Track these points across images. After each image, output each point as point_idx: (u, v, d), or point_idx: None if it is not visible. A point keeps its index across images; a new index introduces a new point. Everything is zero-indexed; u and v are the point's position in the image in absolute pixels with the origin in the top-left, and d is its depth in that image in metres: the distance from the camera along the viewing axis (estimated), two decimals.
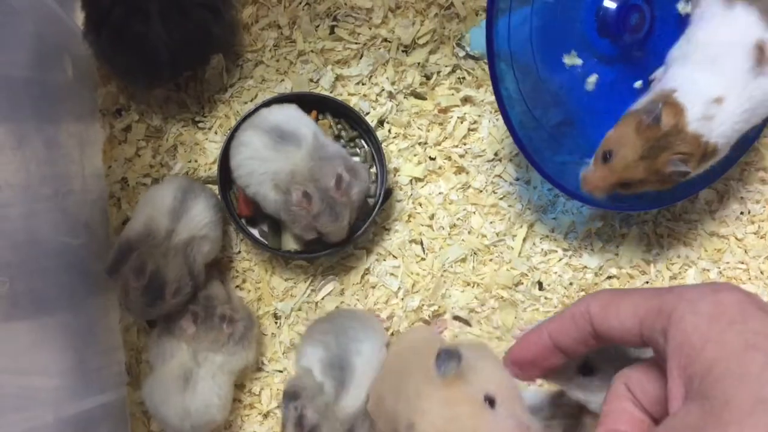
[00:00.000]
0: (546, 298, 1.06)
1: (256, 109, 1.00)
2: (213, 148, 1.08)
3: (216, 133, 1.09)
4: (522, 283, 1.06)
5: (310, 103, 1.05)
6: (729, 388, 0.36)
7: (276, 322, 1.05)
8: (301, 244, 1.03)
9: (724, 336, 0.38)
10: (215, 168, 1.04)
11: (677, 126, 0.84)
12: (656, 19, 0.99)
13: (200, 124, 1.09)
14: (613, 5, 0.98)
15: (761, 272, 1.08)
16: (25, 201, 0.87)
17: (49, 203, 0.92)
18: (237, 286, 1.07)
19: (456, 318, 1.06)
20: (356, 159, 1.04)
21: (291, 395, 0.87)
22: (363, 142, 1.08)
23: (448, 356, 0.63)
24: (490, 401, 0.62)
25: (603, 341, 0.49)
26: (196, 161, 1.08)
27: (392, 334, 1.04)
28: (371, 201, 1.05)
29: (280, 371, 1.04)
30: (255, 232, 1.05)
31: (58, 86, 1.00)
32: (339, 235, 0.97)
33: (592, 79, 1.00)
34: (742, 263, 1.08)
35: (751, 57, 0.85)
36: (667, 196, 1.02)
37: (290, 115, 0.99)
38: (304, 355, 0.94)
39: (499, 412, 0.61)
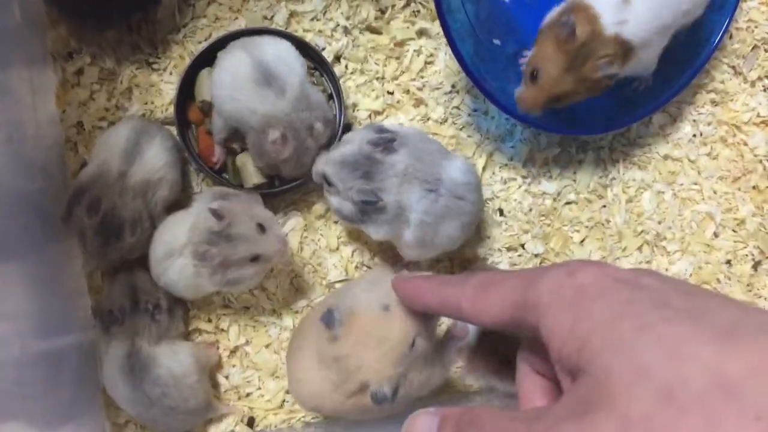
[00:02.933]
0: (507, 224, 1.08)
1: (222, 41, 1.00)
2: (169, 89, 1.07)
3: (171, 74, 1.08)
4: (482, 211, 1.08)
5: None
6: (606, 360, 0.36)
7: None
8: (264, 176, 1.03)
9: (590, 313, 0.38)
10: (172, 109, 1.04)
11: (594, 32, 0.85)
12: None
13: (154, 66, 1.08)
14: None
15: (714, 192, 1.10)
16: None
17: (3, 149, 0.91)
18: None
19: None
20: (318, 89, 1.03)
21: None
22: (322, 78, 1.08)
23: (328, 313, 0.75)
24: (386, 308, 0.74)
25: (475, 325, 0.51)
26: (152, 103, 1.07)
27: (356, 267, 1.06)
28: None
29: (247, 308, 1.05)
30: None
31: (6, 30, 0.98)
32: (300, 176, 0.98)
33: None
34: (696, 184, 1.11)
35: None
36: (621, 120, 1.04)
37: (281, 56, 0.96)
38: None
39: (395, 309, 0.73)
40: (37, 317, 0.90)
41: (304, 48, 1.02)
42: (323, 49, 1.08)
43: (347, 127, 1.06)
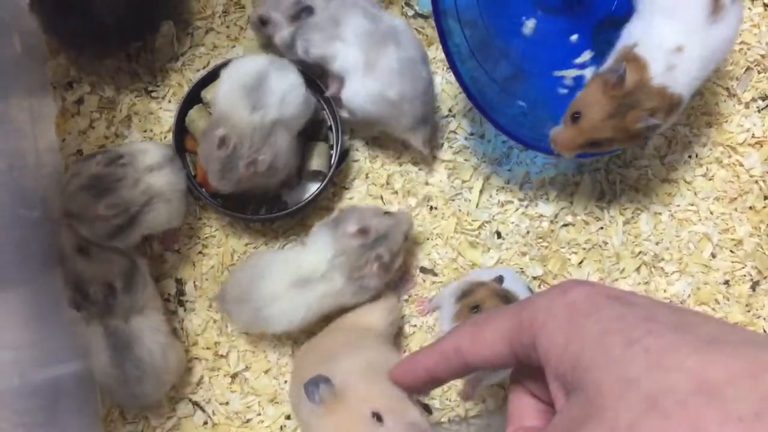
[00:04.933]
0: (505, 247, 1.08)
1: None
2: (167, 117, 1.08)
3: (170, 101, 1.09)
4: (480, 234, 1.08)
5: None
6: (597, 375, 0.37)
7: None
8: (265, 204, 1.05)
9: (582, 329, 0.39)
10: (170, 136, 1.05)
11: (641, 82, 0.85)
12: None
13: (153, 94, 1.09)
14: None
15: (711, 213, 1.11)
16: None
17: (3, 178, 0.91)
18: (199, 252, 1.07)
19: (422, 270, 1.08)
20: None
21: None
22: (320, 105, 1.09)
23: (314, 384, 0.65)
24: (377, 416, 0.64)
25: (478, 369, 0.49)
26: (151, 130, 1.08)
27: None
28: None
29: (246, 333, 1.05)
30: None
31: (7, 61, 0.99)
32: (221, 190, 0.99)
33: (531, 24, 1.02)
34: (692, 205, 1.11)
35: (707, 5, 0.87)
36: None
37: (286, 85, 0.98)
38: None
39: (389, 425, 0.64)
40: (37, 346, 0.90)
41: (303, 75, 1.03)
42: (321, 76, 1.09)
43: (344, 154, 1.07)
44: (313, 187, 1.07)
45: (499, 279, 0.89)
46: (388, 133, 1.06)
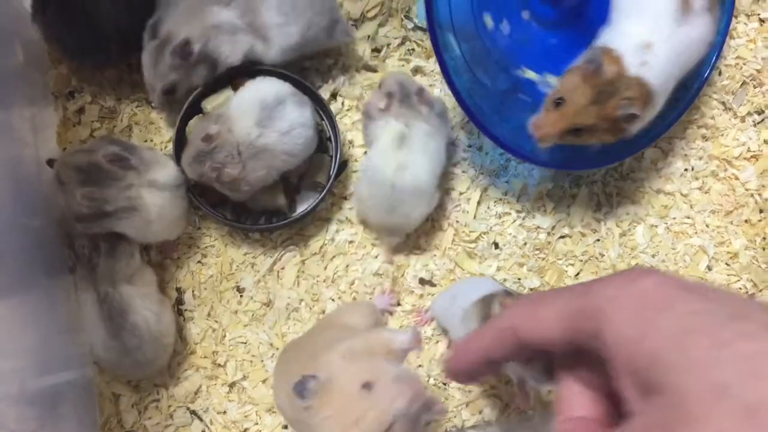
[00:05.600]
0: (503, 259, 1.09)
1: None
2: (168, 126, 1.09)
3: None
4: (478, 245, 1.09)
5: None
6: (681, 380, 0.34)
7: (239, 295, 1.07)
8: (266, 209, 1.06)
9: (657, 325, 0.36)
10: (171, 146, 1.05)
11: (618, 72, 0.88)
12: None
13: (154, 104, 1.10)
14: None
15: (707, 225, 1.12)
16: None
17: (4, 186, 0.92)
18: (198, 262, 1.08)
19: (421, 281, 1.08)
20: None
21: None
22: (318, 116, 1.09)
23: (301, 384, 0.70)
24: (368, 386, 0.68)
25: (531, 348, 0.46)
26: (151, 140, 1.09)
27: (354, 299, 1.07)
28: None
29: (243, 343, 1.06)
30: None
31: (9, 70, 1.00)
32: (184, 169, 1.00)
33: (527, 37, 1.03)
34: (688, 218, 1.12)
35: (676, 5, 0.89)
36: (613, 154, 1.06)
37: (300, 118, 0.99)
38: None
39: (379, 388, 0.68)
40: (36, 354, 0.91)
41: (300, 86, 1.04)
42: (319, 87, 1.10)
43: (343, 165, 1.08)
44: (312, 197, 1.07)
45: (506, 293, 0.88)
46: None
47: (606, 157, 1.06)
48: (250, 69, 1.05)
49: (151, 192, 0.96)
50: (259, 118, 0.97)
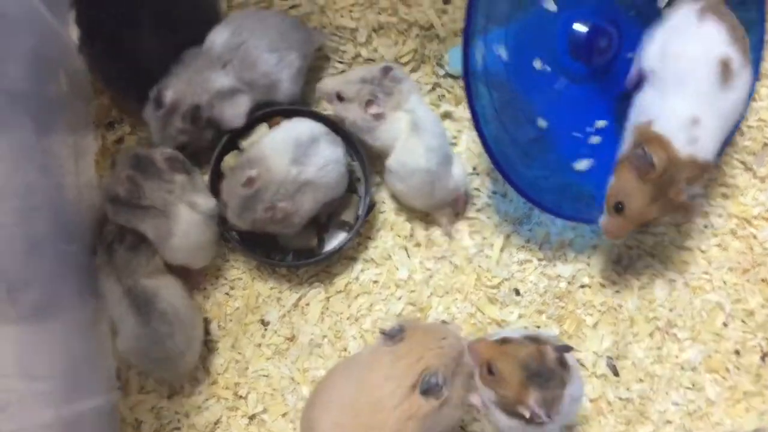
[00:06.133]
0: (524, 306, 1.11)
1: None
2: (204, 162, 1.11)
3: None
4: (499, 290, 1.11)
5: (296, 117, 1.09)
6: None
7: (264, 328, 1.09)
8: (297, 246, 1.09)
9: None
10: (206, 177, 1.08)
11: (670, 159, 0.89)
12: (623, 42, 1.06)
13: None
14: (583, 29, 1.04)
15: (724, 282, 1.14)
16: (23, 210, 0.89)
17: (45, 212, 0.95)
18: (225, 293, 1.10)
19: (442, 323, 1.10)
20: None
21: None
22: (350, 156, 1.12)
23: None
24: None
25: None
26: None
27: (376, 338, 1.08)
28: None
29: (265, 376, 1.07)
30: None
31: (54, 99, 1.03)
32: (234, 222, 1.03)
33: (557, 90, 1.06)
34: (706, 274, 1.14)
35: (718, 74, 0.91)
36: None
37: (333, 156, 1.03)
38: None
39: None
40: (65, 379, 0.92)
41: (335, 128, 1.07)
42: None
43: (372, 205, 1.10)
44: (340, 236, 1.10)
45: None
46: None
47: None
48: (285, 108, 1.09)
49: (187, 209, 1.01)
50: (295, 156, 1.00)
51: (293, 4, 1.17)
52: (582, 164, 1.08)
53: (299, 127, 1.04)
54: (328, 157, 1.02)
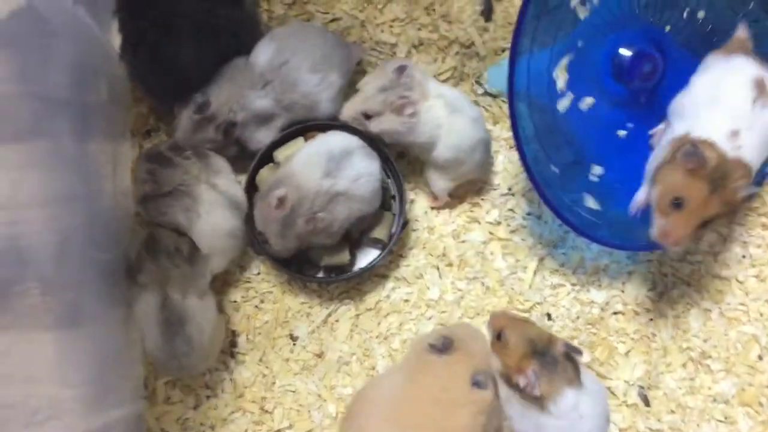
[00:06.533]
0: (555, 331, 1.09)
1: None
2: (238, 172, 1.11)
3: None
4: (531, 314, 1.10)
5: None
6: None
7: (292, 343, 1.08)
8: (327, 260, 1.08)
9: None
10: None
11: (721, 157, 0.88)
12: (668, 68, 1.04)
13: (225, 150, 1.12)
14: (628, 53, 1.03)
15: (761, 314, 1.11)
16: (60, 216, 0.90)
17: (81, 219, 0.95)
18: (255, 307, 1.10)
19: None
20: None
21: None
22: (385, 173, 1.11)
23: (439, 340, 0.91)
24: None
25: None
26: None
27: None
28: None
29: (292, 391, 1.07)
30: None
31: (94, 106, 1.04)
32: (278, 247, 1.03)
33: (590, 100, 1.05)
34: (743, 305, 1.12)
35: (752, 93, 0.91)
36: None
37: (364, 169, 1.02)
38: None
39: None
40: (95, 387, 0.92)
41: (369, 143, 1.06)
42: (387, 145, 1.12)
43: (405, 223, 1.09)
44: (372, 253, 1.09)
45: None
46: None
47: None
48: (321, 124, 1.08)
49: (208, 189, 1.03)
50: (327, 170, 0.99)
51: (333, 18, 1.17)
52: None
53: (332, 140, 1.03)
54: (361, 170, 1.02)
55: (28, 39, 0.89)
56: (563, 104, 1.04)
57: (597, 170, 1.07)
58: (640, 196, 0.97)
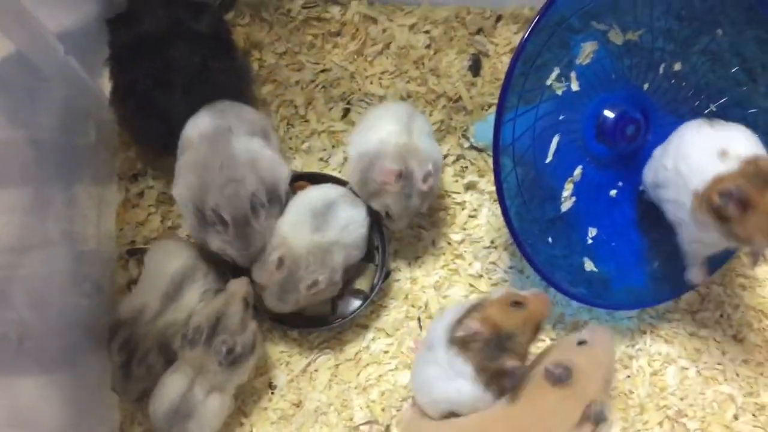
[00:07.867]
0: None
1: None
2: None
3: None
4: None
5: (321, 183, 1.10)
6: None
7: (270, 392, 1.08)
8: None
9: None
10: None
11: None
12: (651, 132, 1.06)
13: None
14: (612, 115, 1.05)
15: (737, 375, 1.12)
16: (42, 260, 0.90)
17: (64, 263, 0.95)
18: None
19: None
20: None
21: None
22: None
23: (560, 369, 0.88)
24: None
25: None
26: None
27: (383, 410, 1.07)
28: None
29: None
30: None
31: (81, 150, 1.05)
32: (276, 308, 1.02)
33: (578, 172, 1.07)
34: (720, 365, 1.13)
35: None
36: (651, 297, 1.08)
37: (351, 220, 1.03)
38: None
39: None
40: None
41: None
42: None
43: (387, 274, 1.10)
44: (353, 303, 1.10)
45: None
46: None
47: (643, 300, 1.08)
48: (309, 174, 1.09)
49: None
50: (315, 226, 1.00)
51: (324, 68, 1.19)
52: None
53: (312, 196, 1.04)
54: (347, 219, 1.02)
55: (18, 84, 0.90)
56: (566, 205, 1.08)
57: (578, 229, 1.09)
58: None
